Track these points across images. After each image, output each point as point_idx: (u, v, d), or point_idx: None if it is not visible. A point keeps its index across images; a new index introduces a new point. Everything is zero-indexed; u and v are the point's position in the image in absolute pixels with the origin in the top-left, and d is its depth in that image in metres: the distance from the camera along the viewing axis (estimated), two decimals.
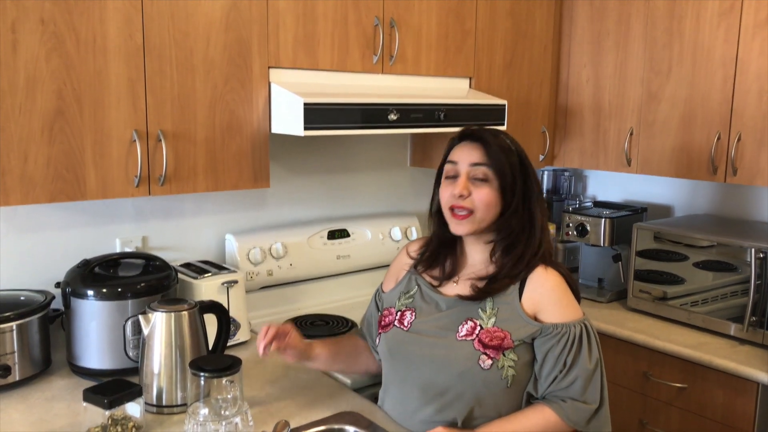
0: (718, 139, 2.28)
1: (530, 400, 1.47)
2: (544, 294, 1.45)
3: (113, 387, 1.49)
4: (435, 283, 1.56)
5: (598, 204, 2.88)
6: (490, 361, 1.41)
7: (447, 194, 1.48)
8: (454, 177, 1.48)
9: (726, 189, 2.64)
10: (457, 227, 1.48)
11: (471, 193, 1.45)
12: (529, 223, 1.49)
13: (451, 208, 1.47)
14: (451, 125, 2.19)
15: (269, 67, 1.96)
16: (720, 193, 2.66)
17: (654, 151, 2.48)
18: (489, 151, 1.45)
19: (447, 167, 1.50)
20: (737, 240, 2.20)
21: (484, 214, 1.46)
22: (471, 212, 1.45)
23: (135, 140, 1.74)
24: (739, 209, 2.61)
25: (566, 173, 3.13)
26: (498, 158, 1.45)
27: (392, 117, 2.05)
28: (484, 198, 1.45)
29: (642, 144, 2.52)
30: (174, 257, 2.19)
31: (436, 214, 1.57)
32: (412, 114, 2.10)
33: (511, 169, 1.45)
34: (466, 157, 1.47)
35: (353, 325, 2.19)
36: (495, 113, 2.35)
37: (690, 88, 2.36)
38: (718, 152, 2.29)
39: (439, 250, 1.58)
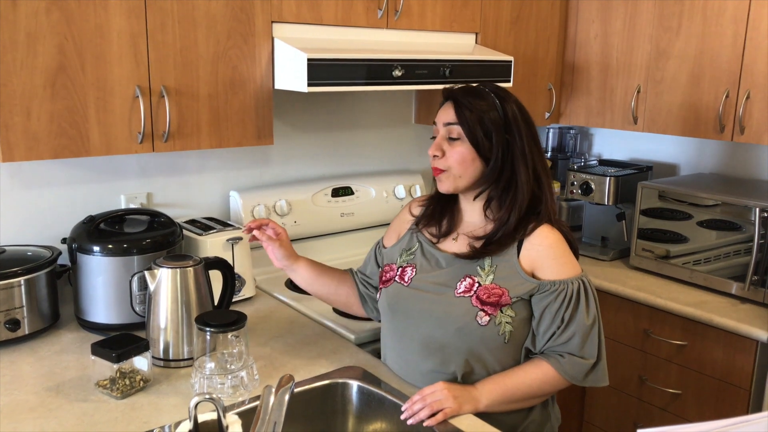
0: (727, 97, 2.25)
1: (529, 355, 1.49)
2: (542, 251, 1.45)
3: (121, 341, 1.52)
4: (434, 239, 1.57)
5: (603, 162, 2.86)
6: (487, 318, 1.43)
7: (429, 155, 1.52)
8: (434, 138, 1.52)
9: (732, 148, 2.62)
10: (439, 185, 1.52)
11: (445, 153, 1.48)
12: (511, 178, 1.47)
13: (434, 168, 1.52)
14: (456, 81, 2.14)
15: (272, 22, 1.93)
16: (726, 152, 2.64)
17: (661, 109, 2.46)
18: (458, 110, 1.47)
19: (433, 128, 1.54)
20: (742, 199, 2.19)
21: (459, 171, 1.48)
22: (446, 170, 1.48)
23: (138, 96, 1.73)
24: (745, 168, 2.59)
25: (572, 131, 3.10)
26: (465, 116, 1.45)
27: (397, 73, 2.03)
28: (455, 156, 1.47)
29: (649, 102, 2.49)
30: (179, 214, 2.20)
31: None
32: (417, 70, 2.07)
33: (482, 126, 1.44)
34: (442, 117, 1.50)
35: None
36: (501, 70, 2.32)
37: (700, 44, 2.32)
38: (726, 111, 2.26)
39: (439, 208, 1.60)
